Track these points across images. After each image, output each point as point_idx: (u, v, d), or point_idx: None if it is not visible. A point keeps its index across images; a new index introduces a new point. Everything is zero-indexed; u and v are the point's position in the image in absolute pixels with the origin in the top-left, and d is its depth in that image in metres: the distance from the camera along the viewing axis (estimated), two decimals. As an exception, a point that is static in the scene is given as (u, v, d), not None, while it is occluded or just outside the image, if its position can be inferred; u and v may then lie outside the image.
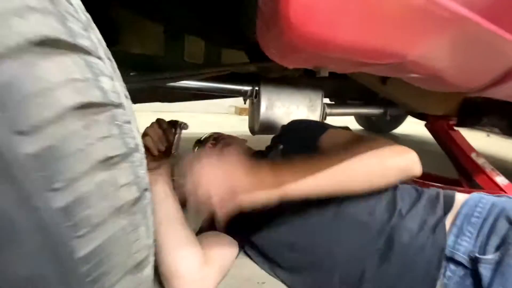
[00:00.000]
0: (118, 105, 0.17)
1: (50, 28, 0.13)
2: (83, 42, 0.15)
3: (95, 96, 0.16)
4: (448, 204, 0.49)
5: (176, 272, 0.46)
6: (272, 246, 0.56)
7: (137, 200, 0.18)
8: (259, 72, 0.95)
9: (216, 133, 0.80)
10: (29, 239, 0.13)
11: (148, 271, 0.21)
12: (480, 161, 1.10)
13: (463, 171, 1.12)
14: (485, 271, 0.39)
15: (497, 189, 1.02)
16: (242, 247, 0.61)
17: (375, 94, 1.25)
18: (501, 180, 1.05)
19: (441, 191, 0.53)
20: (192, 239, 0.50)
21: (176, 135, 0.54)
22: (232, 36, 0.69)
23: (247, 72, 0.97)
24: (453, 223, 0.46)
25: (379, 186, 0.47)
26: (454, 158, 1.16)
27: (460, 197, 0.51)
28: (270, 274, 0.57)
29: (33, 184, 0.12)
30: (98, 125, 0.16)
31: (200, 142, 0.79)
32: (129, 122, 0.18)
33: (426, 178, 1.20)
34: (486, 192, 0.52)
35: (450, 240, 0.44)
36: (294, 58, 0.29)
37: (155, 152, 0.52)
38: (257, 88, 0.97)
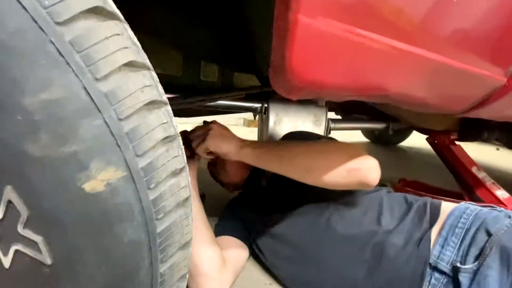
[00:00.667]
0: (167, 103, 0.25)
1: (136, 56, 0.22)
2: (147, 62, 0.23)
3: (157, 95, 0.23)
4: (434, 216, 0.52)
5: (202, 270, 0.50)
6: (273, 256, 0.62)
7: (188, 197, 0.27)
8: (268, 91, 1.05)
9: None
10: (137, 217, 0.22)
11: (190, 249, 0.30)
12: (481, 175, 1.14)
13: (465, 184, 1.15)
14: (464, 279, 0.42)
15: (497, 203, 1.05)
16: (250, 253, 0.66)
17: (379, 109, 1.33)
18: (501, 193, 1.09)
19: (429, 202, 0.56)
20: (214, 241, 0.55)
21: None
22: (245, 64, 0.79)
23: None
24: (439, 234, 0.49)
25: (333, 184, 0.47)
26: (455, 172, 1.19)
27: (447, 207, 0.54)
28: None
29: (141, 186, 0.22)
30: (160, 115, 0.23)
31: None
32: (172, 115, 0.25)
33: (430, 191, 1.24)
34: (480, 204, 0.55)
35: (436, 250, 0.47)
36: (297, 95, 0.38)
37: None
38: (266, 105, 1.07)
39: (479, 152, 1.21)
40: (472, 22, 0.43)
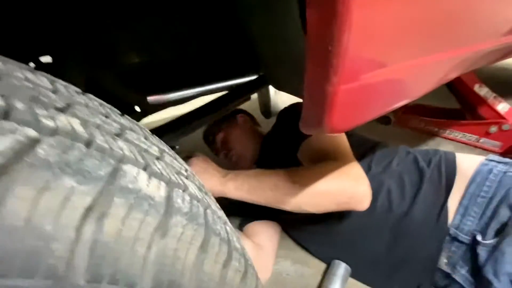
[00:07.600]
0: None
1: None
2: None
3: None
4: (450, 179, 0.50)
5: None
6: (295, 231, 0.67)
7: None
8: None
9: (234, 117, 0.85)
10: None
11: None
12: (483, 91, 1.11)
13: (466, 104, 1.13)
14: (482, 252, 0.42)
15: (498, 117, 1.07)
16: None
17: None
18: (502, 107, 1.08)
19: (443, 162, 0.53)
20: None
21: None
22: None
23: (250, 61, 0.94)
24: (460, 202, 0.47)
25: (323, 212, 0.46)
26: (456, 92, 1.15)
27: (464, 166, 0.51)
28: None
29: None
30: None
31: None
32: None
33: (431, 114, 1.24)
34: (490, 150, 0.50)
35: (456, 219, 0.46)
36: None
37: None
38: (262, 73, 0.97)
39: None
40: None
